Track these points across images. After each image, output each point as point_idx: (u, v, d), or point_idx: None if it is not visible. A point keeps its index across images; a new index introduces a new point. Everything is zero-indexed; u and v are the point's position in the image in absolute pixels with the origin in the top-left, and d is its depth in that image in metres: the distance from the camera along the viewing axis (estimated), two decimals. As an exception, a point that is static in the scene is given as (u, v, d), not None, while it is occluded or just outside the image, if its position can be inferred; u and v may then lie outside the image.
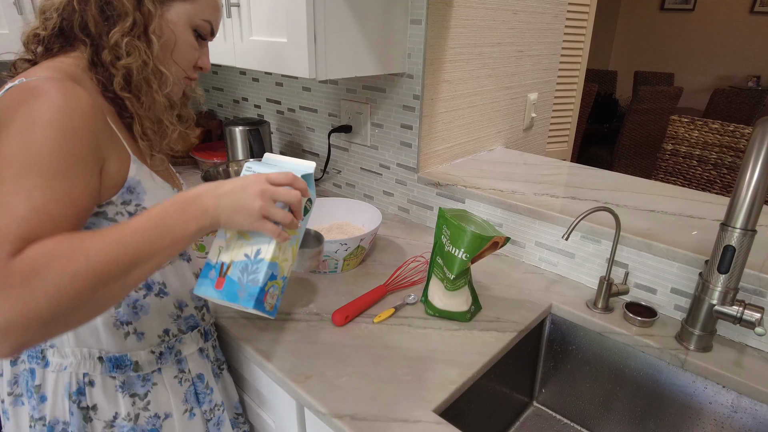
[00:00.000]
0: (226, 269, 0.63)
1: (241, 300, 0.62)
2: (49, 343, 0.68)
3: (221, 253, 0.64)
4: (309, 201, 0.69)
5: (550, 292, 1.04)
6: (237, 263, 0.63)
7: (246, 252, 0.63)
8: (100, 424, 0.71)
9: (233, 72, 1.84)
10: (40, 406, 0.70)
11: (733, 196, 0.77)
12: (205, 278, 0.64)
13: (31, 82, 0.57)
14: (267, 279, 0.63)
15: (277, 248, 0.64)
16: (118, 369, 0.71)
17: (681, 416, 0.90)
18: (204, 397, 0.81)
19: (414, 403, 0.73)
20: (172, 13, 0.69)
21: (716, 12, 4.90)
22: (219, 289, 0.63)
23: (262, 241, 0.63)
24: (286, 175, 0.64)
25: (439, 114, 1.31)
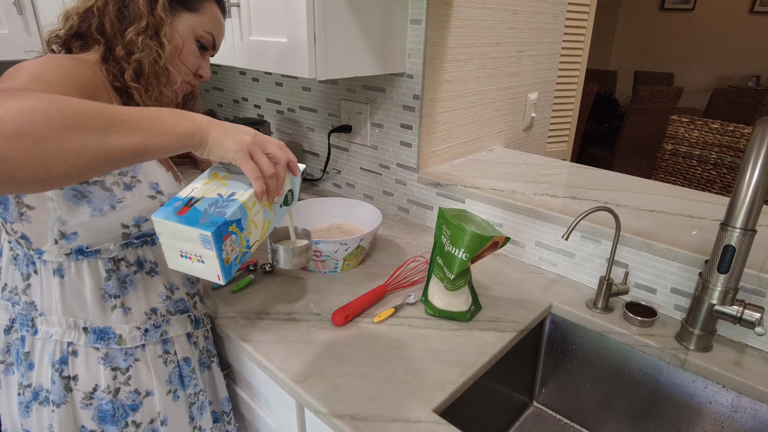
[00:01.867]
0: (195, 202, 0.59)
1: (201, 225, 0.56)
2: (39, 311, 0.72)
3: (193, 191, 0.61)
4: (290, 192, 0.69)
5: (550, 292, 1.04)
6: (208, 199, 0.60)
7: (220, 192, 0.61)
8: (79, 394, 0.72)
9: (233, 72, 1.84)
10: (28, 374, 0.72)
11: (733, 196, 0.77)
12: (168, 206, 0.59)
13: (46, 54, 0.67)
14: (234, 219, 0.59)
15: (252, 200, 0.62)
16: (102, 341, 0.73)
17: (681, 416, 0.90)
18: (189, 380, 0.83)
19: (414, 403, 0.73)
20: (179, 22, 0.76)
21: (716, 12, 4.90)
22: (180, 215, 0.58)
23: (239, 187, 0.62)
24: (278, 141, 0.66)
25: (439, 114, 1.31)
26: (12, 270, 0.73)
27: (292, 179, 0.70)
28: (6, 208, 0.68)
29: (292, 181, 0.70)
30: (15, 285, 0.73)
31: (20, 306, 0.73)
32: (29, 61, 0.63)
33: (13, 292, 0.73)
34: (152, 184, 0.73)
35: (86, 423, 0.74)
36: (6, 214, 0.68)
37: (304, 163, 1.68)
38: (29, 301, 0.72)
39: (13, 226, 0.69)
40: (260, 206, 0.64)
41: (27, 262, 0.71)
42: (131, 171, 0.71)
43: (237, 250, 0.62)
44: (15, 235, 0.70)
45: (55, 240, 0.68)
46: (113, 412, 0.74)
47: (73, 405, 0.73)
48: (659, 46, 5.33)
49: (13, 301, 0.73)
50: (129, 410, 0.76)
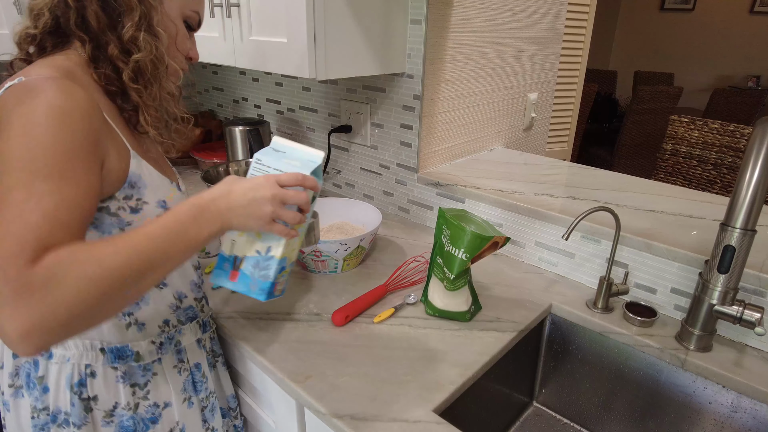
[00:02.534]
0: (239, 263, 0.67)
1: (254, 293, 0.68)
2: None
3: (234, 246, 0.68)
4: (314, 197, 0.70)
5: (550, 292, 1.04)
6: (249, 258, 0.67)
7: (257, 248, 0.67)
8: (100, 413, 0.72)
9: (233, 72, 1.84)
10: (43, 397, 0.71)
11: (733, 196, 0.77)
12: (221, 269, 0.69)
13: (29, 81, 0.58)
14: (277, 273, 0.68)
15: (286, 244, 0.67)
16: (120, 360, 0.72)
17: (681, 416, 0.90)
18: (201, 385, 0.83)
19: (414, 403, 0.73)
20: (168, 5, 0.70)
21: (716, 12, 4.90)
22: (233, 281, 0.68)
23: (272, 238, 0.67)
24: (295, 177, 0.65)
25: (439, 114, 1.31)
26: None
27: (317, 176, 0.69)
28: None
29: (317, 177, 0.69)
30: None
31: None
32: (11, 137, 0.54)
33: None
34: (159, 202, 0.71)
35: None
36: None
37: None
38: None
39: None
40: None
41: None
42: (136, 194, 0.67)
43: (285, 278, 0.71)
44: None
45: None
46: (134, 428, 0.74)
47: (94, 424, 0.72)
48: (659, 46, 5.33)
49: None
50: (149, 423, 0.76)
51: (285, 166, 0.66)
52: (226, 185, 0.64)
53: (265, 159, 0.68)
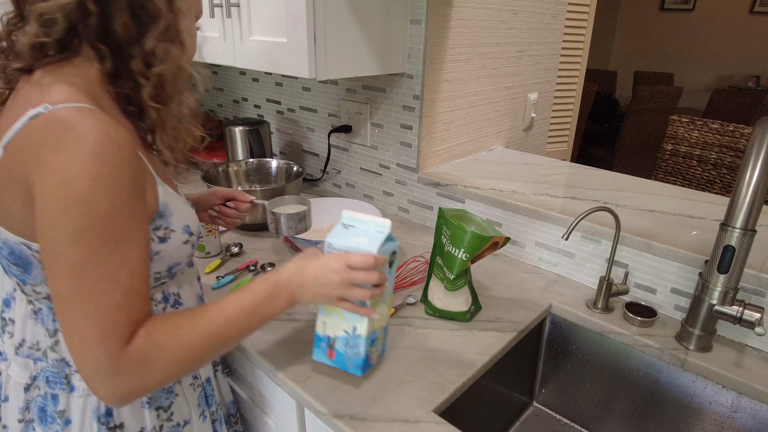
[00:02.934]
0: (333, 342, 0.74)
1: (350, 369, 0.75)
2: (74, 368, 0.66)
3: (325, 327, 0.75)
4: (393, 254, 0.73)
5: (550, 292, 1.04)
6: (340, 338, 0.74)
7: (345, 328, 0.73)
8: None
9: (233, 72, 1.84)
10: (65, 430, 0.68)
11: (733, 196, 0.77)
12: (318, 348, 0.76)
13: (58, 113, 0.53)
14: (367, 348, 0.73)
15: (370, 321, 0.72)
16: None
17: (681, 416, 0.90)
18: (211, 399, 0.83)
19: (414, 403, 0.73)
20: (184, 7, 0.64)
21: (716, 12, 4.90)
22: (331, 359, 0.75)
23: (356, 318, 0.72)
24: (366, 260, 0.67)
25: (439, 114, 1.31)
26: (32, 325, 0.66)
27: (393, 242, 0.73)
28: (27, 271, 0.61)
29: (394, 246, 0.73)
30: (36, 341, 0.67)
31: (46, 363, 0.67)
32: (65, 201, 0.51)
33: (34, 348, 0.67)
34: (185, 228, 0.68)
35: None
36: (27, 277, 0.62)
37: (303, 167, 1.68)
38: (59, 358, 0.66)
39: (35, 288, 0.63)
40: (375, 305, 0.72)
41: (54, 317, 0.65)
42: (164, 223, 0.64)
43: (379, 347, 0.78)
44: (37, 296, 0.64)
45: None
46: None
47: None
48: (659, 46, 5.33)
49: (34, 357, 0.67)
50: None
51: (355, 245, 0.69)
52: (300, 264, 0.69)
53: (336, 242, 0.70)
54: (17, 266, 0.61)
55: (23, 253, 0.59)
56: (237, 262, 1.12)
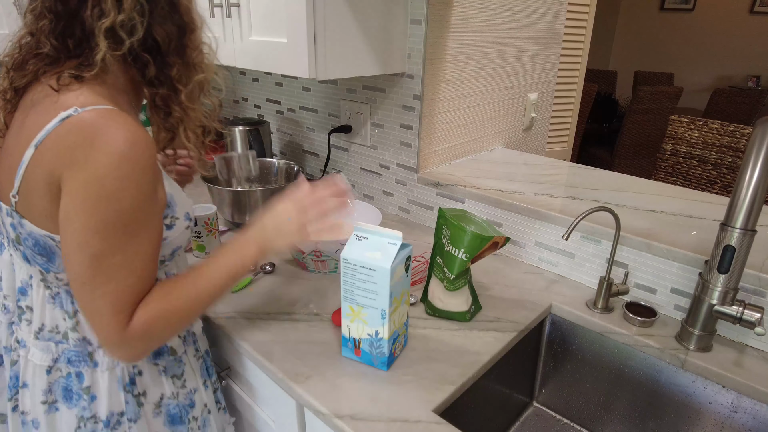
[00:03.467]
0: (358, 343, 0.80)
1: (377, 365, 0.80)
2: (96, 345, 0.73)
3: (350, 331, 0.80)
4: (408, 258, 0.79)
5: (550, 292, 1.04)
6: (364, 340, 0.79)
7: (368, 332, 0.78)
8: (150, 406, 0.78)
9: (233, 72, 1.84)
10: (91, 406, 0.73)
11: (733, 196, 0.77)
12: (346, 346, 0.82)
13: (93, 118, 0.58)
14: (390, 347, 0.79)
15: (391, 323, 0.77)
16: (159, 356, 0.78)
17: (681, 416, 0.90)
18: (211, 370, 0.90)
19: (414, 403, 0.73)
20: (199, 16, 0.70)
21: (716, 12, 4.90)
22: (358, 356, 0.82)
23: (376, 321, 0.77)
24: (328, 187, 0.81)
25: (439, 114, 1.31)
26: (50, 309, 0.71)
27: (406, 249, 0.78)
28: (51, 260, 0.66)
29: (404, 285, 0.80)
30: (56, 324, 0.72)
31: (67, 344, 0.72)
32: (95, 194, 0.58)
33: (54, 332, 0.72)
34: (186, 215, 0.75)
35: (159, 429, 0.79)
36: (50, 266, 0.67)
37: (304, 167, 1.68)
38: (80, 338, 0.72)
39: (57, 275, 0.68)
40: (394, 310, 0.77)
41: (72, 299, 0.71)
42: (170, 212, 0.71)
43: (401, 341, 0.83)
44: (59, 282, 0.69)
45: None
46: (179, 414, 0.81)
47: (146, 417, 0.77)
48: (659, 46, 5.33)
49: (55, 340, 0.72)
50: (188, 408, 0.83)
51: (369, 260, 0.74)
52: (259, 218, 0.77)
53: (351, 257, 0.75)
54: (42, 256, 0.66)
55: (48, 244, 0.65)
56: (237, 262, 1.12)
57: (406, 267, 0.79)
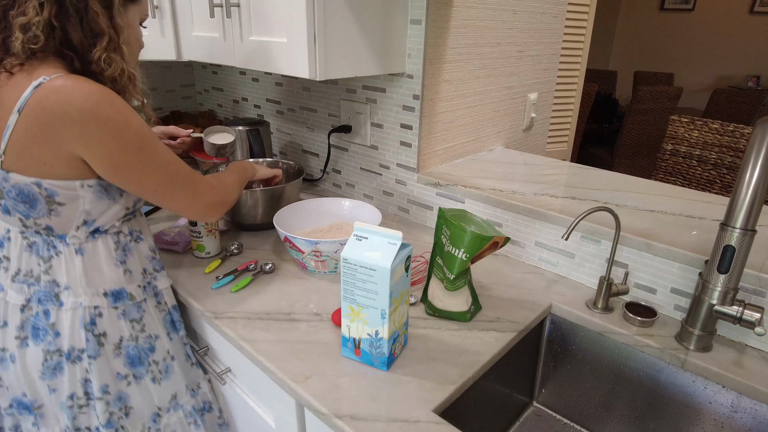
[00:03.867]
0: (358, 343, 0.81)
1: (377, 365, 0.81)
2: (62, 286, 0.84)
3: (350, 331, 0.81)
4: (408, 258, 0.79)
5: (550, 292, 1.04)
6: (364, 340, 0.80)
7: (368, 332, 0.79)
8: (110, 347, 0.88)
9: (233, 72, 1.84)
10: (56, 341, 0.85)
11: (732, 196, 0.77)
12: (346, 346, 0.83)
13: (63, 81, 0.72)
14: (390, 348, 0.79)
15: (391, 323, 0.77)
16: (119, 300, 0.88)
17: (681, 416, 0.90)
18: (179, 324, 0.99)
19: (414, 403, 0.73)
20: (130, 17, 0.84)
21: (716, 12, 4.90)
22: (358, 356, 0.82)
23: (376, 321, 0.77)
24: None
25: (439, 114, 1.31)
26: (27, 257, 0.84)
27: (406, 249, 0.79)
28: (32, 206, 0.78)
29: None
30: (30, 269, 0.84)
31: (38, 286, 0.84)
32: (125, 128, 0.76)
33: (29, 275, 0.84)
34: None
35: (119, 369, 0.89)
36: (31, 212, 0.79)
37: (303, 165, 1.68)
38: (51, 280, 0.84)
39: (36, 220, 0.80)
40: (394, 310, 0.78)
41: (47, 247, 0.83)
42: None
43: (400, 341, 0.83)
44: (37, 227, 0.81)
45: (78, 226, 0.82)
46: (138, 355, 0.91)
47: (107, 356, 0.87)
48: (659, 46, 5.33)
49: (28, 283, 0.84)
50: (148, 351, 0.92)
51: (369, 260, 0.74)
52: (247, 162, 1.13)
53: (351, 257, 0.76)
54: (24, 203, 0.78)
55: (32, 191, 0.77)
56: (236, 262, 1.13)
57: (406, 267, 0.79)
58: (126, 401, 0.91)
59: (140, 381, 0.92)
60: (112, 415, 0.89)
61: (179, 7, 1.31)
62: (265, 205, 1.25)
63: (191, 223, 1.11)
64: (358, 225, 0.78)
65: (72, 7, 0.74)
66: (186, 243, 1.17)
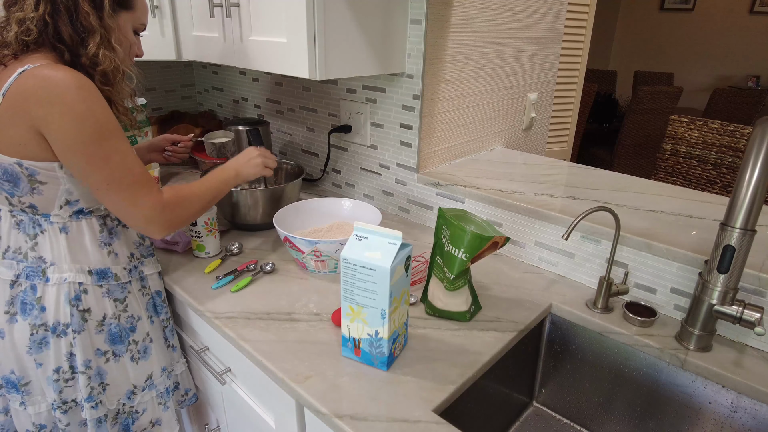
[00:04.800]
0: (358, 343, 0.81)
1: (376, 365, 0.81)
2: (49, 263, 0.88)
3: (350, 330, 0.81)
4: (408, 258, 0.79)
5: (550, 292, 1.04)
6: (364, 340, 0.80)
7: (368, 332, 0.79)
8: (93, 323, 0.91)
9: (233, 72, 1.84)
10: (42, 315, 0.88)
11: (732, 196, 0.77)
12: (346, 346, 0.83)
13: (44, 69, 0.75)
14: (390, 347, 0.79)
15: (391, 323, 0.77)
16: (103, 279, 0.91)
17: (681, 416, 0.90)
18: (161, 309, 1.03)
19: (414, 403, 0.73)
20: (122, 22, 0.88)
21: (716, 12, 4.90)
22: (358, 356, 0.82)
23: (376, 321, 0.77)
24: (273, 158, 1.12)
25: (439, 114, 1.31)
26: (15, 234, 0.88)
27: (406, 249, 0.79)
28: (16, 185, 0.82)
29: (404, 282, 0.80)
30: (19, 246, 0.88)
31: (26, 262, 0.88)
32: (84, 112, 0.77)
33: (17, 252, 0.88)
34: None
35: (100, 346, 0.92)
36: (15, 190, 0.83)
37: (301, 164, 1.68)
38: (38, 256, 0.88)
39: (21, 198, 0.84)
40: (394, 310, 0.78)
41: (33, 225, 0.87)
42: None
43: (400, 341, 0.83)
44: (21, 205, 0.85)
45: (61, 206, 0.85)
46: (120, 334, 0.94)
47: (89, 332, 0.91)
48: (659, 46, 5.33)
49: (17, 259, 0.88)
50: (129, 331, 0.96)
51: (369, 260, 0.74)
52: (233, 161, 1.06)
53: (351, 257, 0.76)
54: (8, 182, 0.82)
55: (14, 170, 0.80)
56: (236, 262, 1.13)
57: (406, 267, 0.79)
58: (103, 377, 0.94)
59: (119, 359, 0.95)
60: (93, 390, 0.93)
61: (179, 7, 1.31)
62: (265, 205, 1.25)
63: (191, 223, 1.11)
64: (357, 225, 0.78)
65: (63, 5, 0.79)
66: (186, 243, 1.17)
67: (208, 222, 1.11)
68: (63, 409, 0.93)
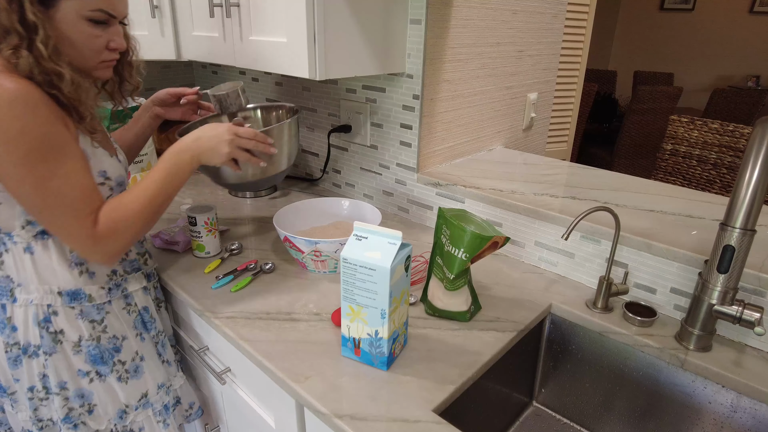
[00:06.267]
0: (358, 343, 0.81)
1: (376, 365, 0.81)
2: (16, 282, 0.84)
3: (350, 330, 0.81)
4: (408, 258, 0.79)
5: (549, 292, 1.04)
6: (364, 339, 0.80)
7: (368, 332, 0.79)
8: (68, 344, 0.87)
9: (233, 72, 1.84)
10: (13, 334, 0.85)
11: (732, 196, 0.77)
12: (346, 346, 0.83)
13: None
14: (390, 347, 0.79)
15: (391, 322, 0.77)
16: (75, 300, 0.86)
17: (680, 416, 0.90)
18: (150, 325, 0.98)
19: (414, 403, 0.74)
20: (60, 14, 0.74)
21: (716, 12, 4.90)
22: (358, 356, 0.82)
23: (376, 321, 0.77)
24: (253, 133, 0.94)
25: (439, 114, 1.31)
26: None
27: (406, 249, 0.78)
28: None
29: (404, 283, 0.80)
30: None
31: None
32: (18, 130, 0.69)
33: None
34: (101, 172, 0.85)
35: (81, 366, 0.89)
36: None
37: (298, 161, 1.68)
38: (5, 276, 0.84)
39: None
40: (394, 310, 0.77)
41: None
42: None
43: (400, 341, 0.83)
44: None
45: (22, 226, 0.81)
46: (101, 355, 0.90)
47: (65, 353, 0.87)
48: (659, 46, 5.33)
49: None
50: (113, 352, 0.92)
51: (369, 259, 0.74)
52: (197, 132, 0.89)
53: (351, 256, 0.75)
54: None
55: None
56: (236, 262, 1.13)
57: (405, 267, 0.79)
58: (89, 398, 0.90)
59: (105, 379, 0.91)
60: (72, 411, 0.89)
61: (179, 7, 1.31)
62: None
63: (191, 223, 1.11)
64: (357, 225, 0.78)
65: None
66: (186, 243, 1.17)
67: (207, 222, 1.11)
68: (39, 426, 0.91)
